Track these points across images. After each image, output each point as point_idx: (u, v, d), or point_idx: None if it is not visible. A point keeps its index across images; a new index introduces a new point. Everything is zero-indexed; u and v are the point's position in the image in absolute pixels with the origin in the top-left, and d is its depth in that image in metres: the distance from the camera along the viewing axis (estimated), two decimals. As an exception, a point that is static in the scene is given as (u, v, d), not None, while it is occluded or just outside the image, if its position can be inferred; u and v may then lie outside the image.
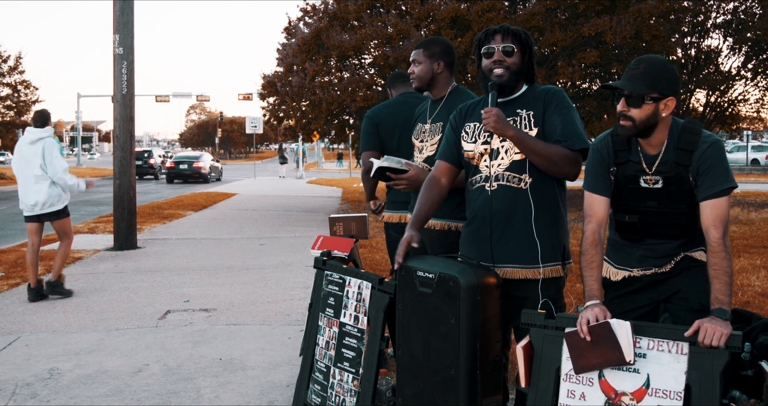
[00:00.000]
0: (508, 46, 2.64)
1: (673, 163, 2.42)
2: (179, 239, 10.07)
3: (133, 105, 9.44)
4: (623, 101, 2.40)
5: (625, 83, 2.39)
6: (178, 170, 28.56)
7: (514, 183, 2.64)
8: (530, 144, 2.55)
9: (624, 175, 2.52)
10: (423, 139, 3.33)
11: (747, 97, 15.64)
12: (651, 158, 2.48)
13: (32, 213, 6.13)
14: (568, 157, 2.57)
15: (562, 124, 2.59)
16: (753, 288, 6.08)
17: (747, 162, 36.74)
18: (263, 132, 43.69)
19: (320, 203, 16.96)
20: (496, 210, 2.65)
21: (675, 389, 2.16)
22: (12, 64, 28.31)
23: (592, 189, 2.57)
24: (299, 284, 6.57)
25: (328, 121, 13.63)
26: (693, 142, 2.40)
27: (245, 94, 42.22)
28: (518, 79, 2.69)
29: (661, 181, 2.46)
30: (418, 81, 3.36)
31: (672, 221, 2.49)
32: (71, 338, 4.82)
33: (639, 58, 2.43)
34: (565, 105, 2.63)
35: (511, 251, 2.64)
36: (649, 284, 2.58)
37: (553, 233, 2.65)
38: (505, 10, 11.64)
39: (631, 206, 2.54)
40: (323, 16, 12.90)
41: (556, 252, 2.65)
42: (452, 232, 3.15)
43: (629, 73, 2.40)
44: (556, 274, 2.64)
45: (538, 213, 2.62)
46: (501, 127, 2.55)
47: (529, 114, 2.65)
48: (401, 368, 2.73)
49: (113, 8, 9.27)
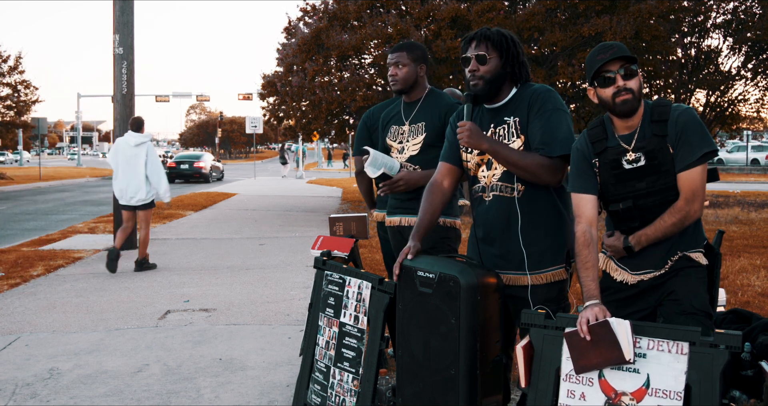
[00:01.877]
0: (480, 54, 2.60)
1: (651, 135, 2.45)
2: (179, 239, 10.07)
3: (133, 105, 9.44)
4: (619, 77, 2.42)
5: (621, 54, 2.42)
6: (179, 170, 28.54)
7: (506, 193, 2.63)
8: (505, 155, 2.54)
9: (605, 162, 2.52)
10: (402, 140, 3.37)
11: (747, 97, 15.66)
12: (628, 138, 2.50)
13: (129, 204, 7.50)
14: (545, 166, 2.52)
15: (542, 129, 2.54)
16: (753, 288, 6.07)
17: (747, 162, 36.73)
18: (263, 132, 43.68)
19: (320, 202, 16.96)
20: (494, 219, 2.66)
21: (675, 389, 2.16)
22: (12, 64, 28.27)
23: (577, 189, 2.56)
24: (299, 284, 6.57)
25: (328, 121, 13.63)
26: (665, 112, 2.44)
27: (245, 94, 42.21)
28: (496, 86, 2.64)
29: (642, 157, 2.46)
30: (402, 83, 3.36)
31: (666, 199, 2.47)
32: (71, 338, 4.82)
33: (602, 44, 2.49)
34: (549, 108, 2.56)
35: (507, 258, 2.65)
36: (646, 289, 2.57)
37: (551, 238, 2.63)
38: (505, 10, 11.64)
39: (621, 193, 2.53)
40: (323, 16, 12.90)
41: (553, 257, 2.63)
42: (440, 227, 3.19)
43: (608, 53, 2.42)
44: (552, 279, 2.62)
45: (528, 221, 2.60)
46: (475, 142, 2.55)
47: (515, 121, 2.62)
48: (401, 368, 2.73)
49: (113, 8, 9.27)
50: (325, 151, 52.86)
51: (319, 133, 18.11)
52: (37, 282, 6.87)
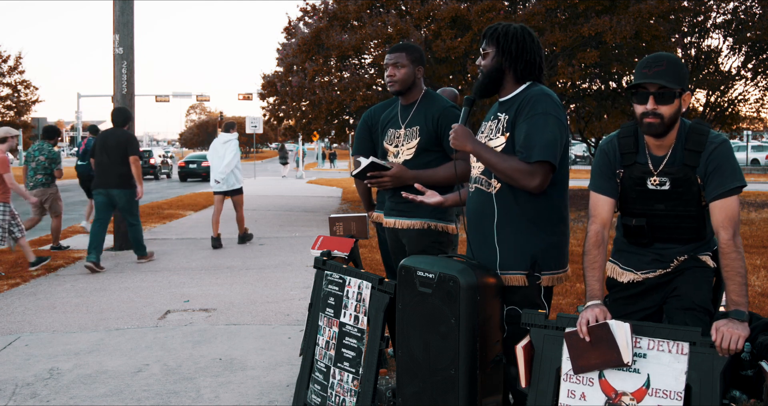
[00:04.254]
0: (483, 49, 2.68)
1: (681, 164, 2.40)
2: (179, 238, 10.06)
3: (133, 105, 9.44)
4: (652, 99, 2.34)
5: (659, 80, 2.33)
6: (188, 169, 29.95)
7: (484, 187, 2.66)
8: (486, 158, 2.56)
9: (631, 177, 2.50)
10: (398, 144, 3.35)
11: (747, 97, 15.65)
12: (658, 160, 2.45)
13: (220, 190, 9.23)
14: (522, 171, 2.48)
15: (526, 133, 2.51)
16: (753, 288, 6.08)
17: (747, 162, 36.75)
18: (263, 132, 43.63)
19: (320, 202, 16.95)
20: (471, 211, 2.70)
21: (675, 389, 2.16)
22: (12, 64, 28.31)
23: (597, 189, 2.55)
24: (299, 284, 6.57)
25: (328, 121, 13.62)
26: (701, 143, 2.37)
27: (245, 94, 42.16)
28: (494, 81, 2.66)
29: (668, 182, 2.43)
30: (401, 84, 3.34)
31: (680, 225, 2.47)
32: (71, 338, 4.82)
33: (656, 55, 2.39)
34: (537, 112, 2.51)
35: (481, 254, 2.65)
36: (653, 286, 2.57)
37: (517, 241, 2.57)
38: (505, 10, 11.63)
39: (638, 209, 2.52)
40: (323, 16, 12.89)
41: (515, 261, 2.56)
42: (432, 231, 3.19)
43: (652, 69, 2.34)
44: (509, 283, 2.57)
45: (502, 219, 2.59)
46: (460, 144, 2.62)
47: (506, 118, 2.62)
48: (401, 368, 2.73)
49: (113, 8, 9.26)
50: (324, 151, 52.78)
51: (319, 133, 18.10)
52: (37, 282, 6.87)
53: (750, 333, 2.19)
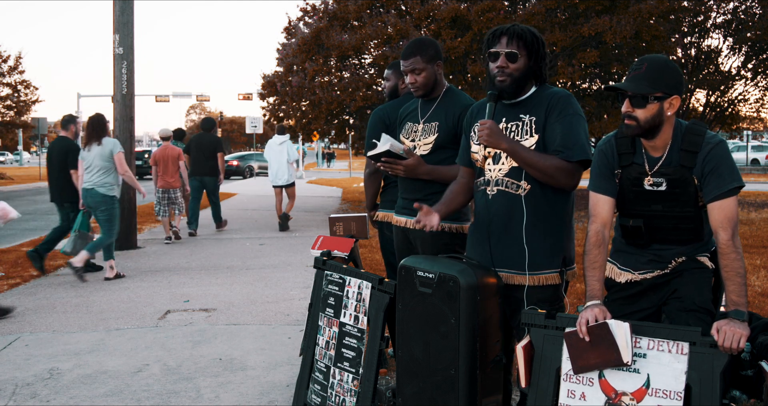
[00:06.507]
0: (511, 52, 2.58)
1: (677, 165, 2.41)
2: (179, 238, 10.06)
3: (133, 105, 9.44)
4: (627, 102, 2.38)
5: (627, 84, 2.38)
6: None
7: (512, 189, 2.62)
8: (524, 156, 2.54)
9: (628, 177, 2.51)
10: (414, 138, 3.28)
11: (747, 97, 15.65)
12: (654, 160, 2.46)
13: (278, 184, 11.07)
14: (564, 169, 2.52)
15: (562, 133, 2.53)
16: (753, 288, 6.07)
17: (747, 162, 36.74)
18: (263, 132, 43.64)
19: (320, 202, 16.95)
20: (494, 214, 2.65)
21: (675, 389, 2.16)
22: (12, 64, 28.33)
23: (597, 189, 2.55)
24: (299, 284, 6.57)
25: (328, 121, 13.62)
26: (696, 144, 2.37)
27: (245, 94, 42.14)
28: (521, 84, 2.64)
29: (665, 183, 2.43)
30: (424, 88, 3.23)
31: (678, 225, 2.47)
32: (71, 338, 4.82)
33: (641, 58, 2.42)
34: (569, 112, 2.56)
35: (505, 255, 2.64)
36: (651, 287, 2.57)
37: (550, 241, 2.61)
38: (505, 10, 11.63)
39: (636, 209, 2.52)
40: (323, 16, 12.89)
41: (549, 260, 2.61)
42: (445, 233, 3.14)
43: (632, 73, 2.39)
44: (545, 282, 2.60)
45: (532, 221, 2.59)
46: (494, 141, 2.55)
47: (531, 120, 2.61)
48: (401, 368, 2.73)
49: (113, 8, 9.26)
50: (323, 151, 52.73)
51: (319, 133, 18.10)
52: (37, 282, 6.87)
53: (750, 333, 2.19)
